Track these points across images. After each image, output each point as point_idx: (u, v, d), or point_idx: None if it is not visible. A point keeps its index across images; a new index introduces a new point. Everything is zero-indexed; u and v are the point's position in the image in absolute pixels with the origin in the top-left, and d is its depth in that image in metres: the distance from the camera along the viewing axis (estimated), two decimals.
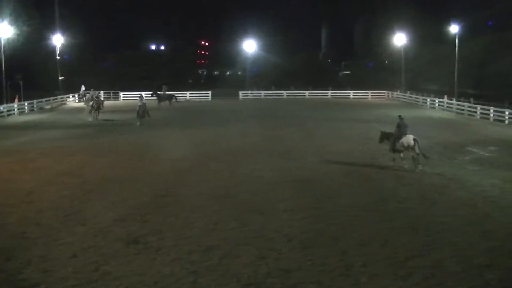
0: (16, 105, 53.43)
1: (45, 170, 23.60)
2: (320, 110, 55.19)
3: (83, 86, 65.82)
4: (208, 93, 76.20)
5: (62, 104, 65.49)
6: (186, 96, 75.05)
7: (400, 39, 73.01)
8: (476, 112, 47.33)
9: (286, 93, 77.72)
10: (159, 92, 60.47)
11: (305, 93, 77.51)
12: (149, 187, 20.06)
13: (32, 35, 67.72)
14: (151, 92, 62.05)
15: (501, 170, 23.09)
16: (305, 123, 42.58)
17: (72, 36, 76.38)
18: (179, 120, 45.47)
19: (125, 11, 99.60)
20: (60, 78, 72.28)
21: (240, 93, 77.28)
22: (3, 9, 60.09)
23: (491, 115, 44.63)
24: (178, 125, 41.50)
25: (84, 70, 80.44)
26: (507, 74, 56.98)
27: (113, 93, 75.05)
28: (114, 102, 68.72)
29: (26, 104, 55.71)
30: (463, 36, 60.94)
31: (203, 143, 31.72)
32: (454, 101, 53.73)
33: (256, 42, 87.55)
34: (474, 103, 49.14)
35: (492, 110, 44.69)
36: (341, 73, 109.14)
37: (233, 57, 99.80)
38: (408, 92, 68.31)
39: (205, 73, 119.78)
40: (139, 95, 44.73)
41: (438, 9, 76.55)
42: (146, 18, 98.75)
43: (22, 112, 53.70)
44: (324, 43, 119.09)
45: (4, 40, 55.13)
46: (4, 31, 55.14)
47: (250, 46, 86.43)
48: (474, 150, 28.70)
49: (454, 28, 59.01)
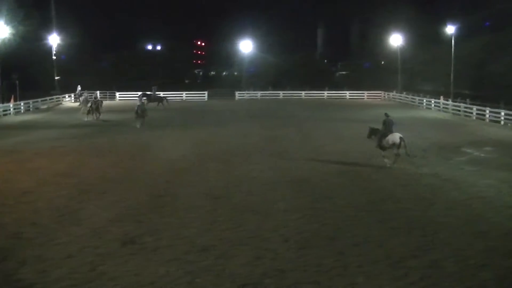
0: (12, 105, 53.32)
1: (41, 170, 23.56)
2: (317, 111, 55.15)
3: (79, 86, 65.77)
4: (205, 93, 76.13)
5: (58, 104, 65.38)
6: (183, 96, 75.08)
7: (397, 40, 73.05)
8: (472, 113, 47.39)
9: (283, 93, 77.69)
10: (149, 93, 60.39)
11: (302, 94, 77.43)
12: (146, 187, 20.04)
13: (29, 35, 67.48)
14: (139, 95, 62.18)
15: (497, 171, 23.14)
16: (302, 123, 42.57)
17: (69, 36, 76.20)
18: (176, 120, 45.41)
19: (122, 11, 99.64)
20: (56, 78, 72.15)
21: (236, 93, 77.26)
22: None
23: (487, 116, 44.67)
24: (175, 125, 41.45)
25: (81, 70, 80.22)
26: (503, 75, 57.11)
27: (109, 93, 74.93)
28: (110, 102, 68.52)
29: (22, 104, 55.64)
30: (460, 37, 61.04)
31: (200, 143, 31.69)
32: (450, 102, 53.77)
33: (253, 42, 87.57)
34: (470, 104, 49.23)
35: (488, 111, 44.74)
36: (338, 74, 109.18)
37: (230, 57, 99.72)
38: (404, 93, 68.34)
39: (202, 73, 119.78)
40: (139, 95, 44.73)
41: (435, 10, 76.99)
42: (143, 18, 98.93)
43: (18, 112, 53.59)
44: (321, 44, 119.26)
45: (0, 40, 54.99)
46: (0, 31, 54.98)
47: (247, 46, 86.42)
48: (470, 151, 28.75)
49: (450, 29, 59.08)
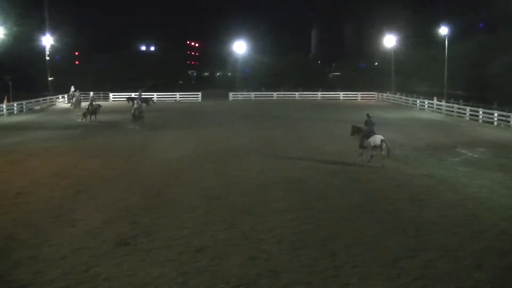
0: (5, 106, 53.11)
1: (36, 171, 23.52)
2: (310, 111, 55.16)
3: (73, 87, 65.60)
4: (198, 94, 76.11)
5: (52, 105, 65.20)
6: (176, 97, 75.07)
7: (390, 41, 73.20)
8: (466, 114, 47.52)
9: (276, 94, 77.70)
10: (134, 96, 60.46)
11: (295, 94, 77.47)
12: (140, 188, 20.01)
13: (22, 36, 67.33)
14: (126, 98, 62.57)
15: (490, 172, 23.22)
16: (296, 124, 42.63)
17: (62, 37, 76.02)
18: (170, 122, 45.31)
19: (115, 12, 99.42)
20: (50, 79, 71.96)
21: (230, 94, 77.28)
22: None
23: (480, 117, 44.82)
24: (169, 127, 41.37)
25: (74, 71, 79.95)
26: (497, 76, 57.27)
27: (103, 94, 74.76)
28: (104, 103, 68.04)
29: (15, 105, 55.46)
30: (454, 38, 61.22)
31: (194, 144, 31.67)
32: (444, 103, 53.90)
33: (247, 43, 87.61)
34: (464, 105, 49.38)
35: (481, 112, 44.89)
36: (331, 75, 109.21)
37: (224, 58, 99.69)
38: (398, 94, 68.46)
39: (195, 74, 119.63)
40: (136, 96, 44.66)
41: (429, 11, 76.97)
42: (137, 19, 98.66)
43: (11, 113, 53.42)
44: (314, 45, 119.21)
45: None
46: None
47: (240, 47, 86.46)
48: (463, 152, 28.83)
49: (444, 30, 59.24)
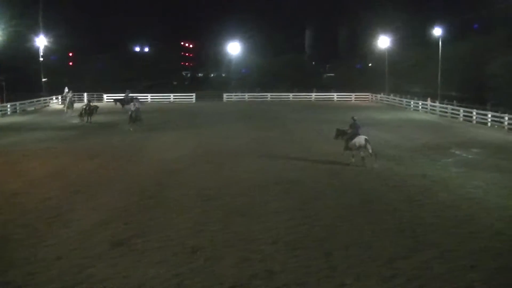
0: None
1: (30, 172, 23.45)
2: (305, 112, 55.18)
3: (67, 88, 65.42)
4: (192, 95, 76.02)
5: (46, 106, 65.04)
6: (170, 98, 75.03)
7: (384, 42, 73.33)
8: (459, 115, 47.64)
9: (270, 96, 77.70)
10: (121, 96, 60.49)
11: (289, 96, 77.49)
12: (135, 189, 19.98)
13: (16, 36, 67.08)
14: (113, 99, 62.75)
15: (484, 172, 23.29)
16: (290, 125, 42.66)
17: (56, 38, 75.78)
18: (165, 123, 45.17)
19: (110, 14, 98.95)
20: (44, 80, 71.73)
21: (224, 95, 77.26)
22: None
23: (474, 118, 44.97)
24: (164, 128, 41.24)
25: (68, 72, 79.66)
26: (491, 77, 57.38)
27: (97, 95, 74.58)
28: (98, 104, 68.04)
29: (9, 106, 55.28)
30: (448, 39, 61.32)
31: (189, 145, 31.63)
32: (438, 104, 54.02)
33: (241, 44, 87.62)
34: (457, 106, 49.51)
35: (475, 113, 45.03)
36: (325, 75, 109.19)
37: (218, 59, 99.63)
38: (392, 95, 68.54)
39: (189, 75, 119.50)
40: (133, 98, 44.65)
41: (424, 12, 76.95)
42: (131, 21, 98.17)
43: (5, 114, 53.29)
44: (309, 45, 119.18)
45: None
46: None
47: (235, 48, 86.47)
48: (458, 152, 28.91)
49: (438, 31, 59.34)
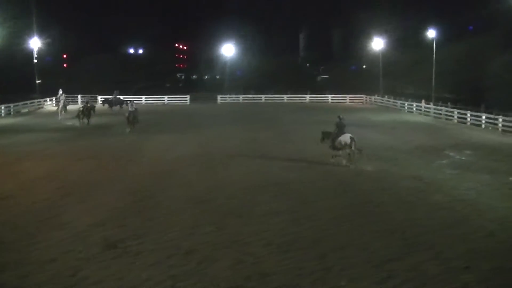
0: None
1: (23, 174, 23.36)
2: (299, 114, 55.13)
3: (61, 90, 65.28)
4: (186, 97, 75.96)
5: (39, 108, 64.88)
6: (164, 100, 75.03)
7: (378, 44, 73.44)
8: (453, 117, 47.72)
9: (265, 97, 77.69)
10: (110, 98, 60.48)
11: (284, 97, 77.52)
12: (129, 191, 19.93)
13: (10, 38, 66.93)
14: (102, 100, 62.86)
15: (478, 174, 23.33)
16: (284, 127, 42.63)
17: (51, 39, 75.67)
18: (159, 125, 45.11)
19: (104, 15, 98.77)
20: (37, 82, 71.55)
21: (218, 97, 77.22)
22: None
23: (468, 120, 45.07)
24: (158, 130, 41.13)
25: (62, 74, 79.47)
26: (485, 79, 57.51)
27: (91, 97, 74.45)
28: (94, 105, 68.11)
29: (3, 108, 55.12)
30: (443, 41, 61.42)
31: (183, 147, 31.57)
32: (432, 106, 54.11)
33: (235, 46, 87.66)
34: (452, 108, 49.61)
35: (469, 115, 45.13)
36: (319, 77, 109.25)
37: (212, 61, 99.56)
38: (386, 96, 68.62)
39: (183, 77, 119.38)
40: (129, 100, 44.58)
41: (418, 14, 77.02)
42: (125, 22, 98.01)
43: None
44: (303, 47, 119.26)
45: None
46: None
47: (229, 50, 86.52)
48: (451, 154, 28.92)
49: (432, 33, 59.48)
